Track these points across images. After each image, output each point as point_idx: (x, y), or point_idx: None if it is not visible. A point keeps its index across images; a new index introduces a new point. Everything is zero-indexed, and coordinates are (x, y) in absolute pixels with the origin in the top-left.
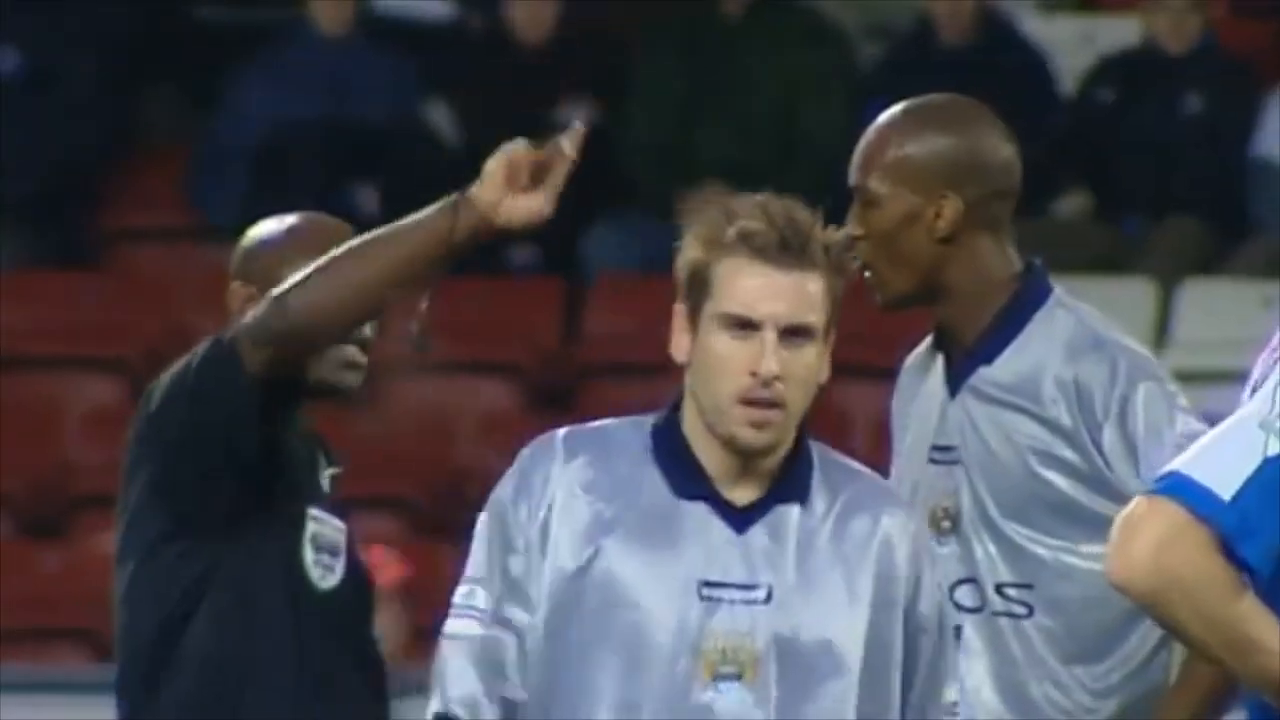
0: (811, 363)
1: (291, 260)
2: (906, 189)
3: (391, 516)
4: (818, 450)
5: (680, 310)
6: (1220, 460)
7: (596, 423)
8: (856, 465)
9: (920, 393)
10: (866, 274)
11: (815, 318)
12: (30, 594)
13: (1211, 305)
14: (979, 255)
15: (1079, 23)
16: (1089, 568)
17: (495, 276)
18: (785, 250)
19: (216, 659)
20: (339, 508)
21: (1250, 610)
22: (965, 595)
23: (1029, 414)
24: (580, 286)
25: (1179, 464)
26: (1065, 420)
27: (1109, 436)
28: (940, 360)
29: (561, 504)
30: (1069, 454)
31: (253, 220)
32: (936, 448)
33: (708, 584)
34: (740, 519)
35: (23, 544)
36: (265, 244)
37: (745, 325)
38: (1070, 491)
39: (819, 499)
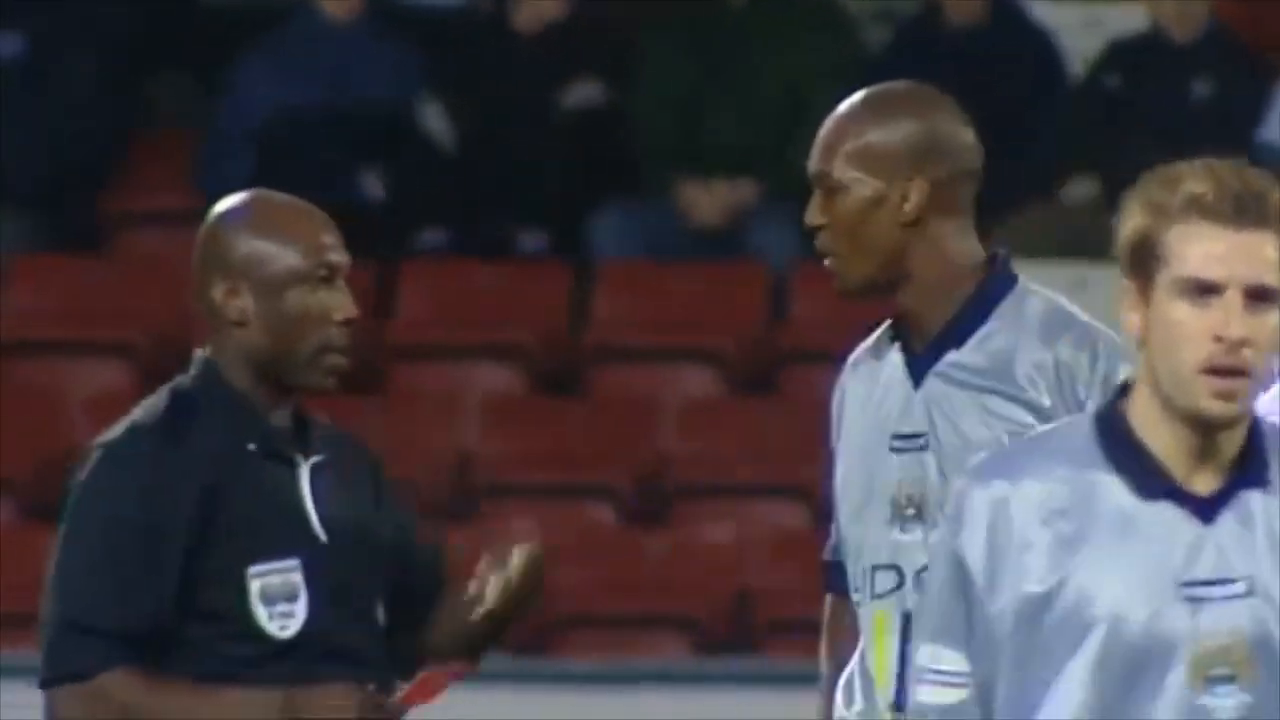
0: (1275, 328)
1: (248, 239)
2: (870, 174)
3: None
4: (1264, 425)
5: (1128, 286)
6: None
7: (1029, 437)
8: None
9: (876, 383)
10: (827, 262)
11: (1276, 280)
12: (34, 579)
13: None
14: (943, 241)
15: (1085, 8)
16: None
17: (502, 260)
18: (1241, 211)
19: None
20: (330, 490)
21: None
22: None
23: (1004, 396)
24: (587, 271)
25: None
26: (1044, 400)
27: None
28: (896, 350)
29: (1019, 530)
30: None
31: None
32: (899, 436)
33: (1188, 584)
34: (1207, 510)
35: (27, 528)
36: (223, 227)
37: (1206, 290)
38: None
39: (1276, 479)
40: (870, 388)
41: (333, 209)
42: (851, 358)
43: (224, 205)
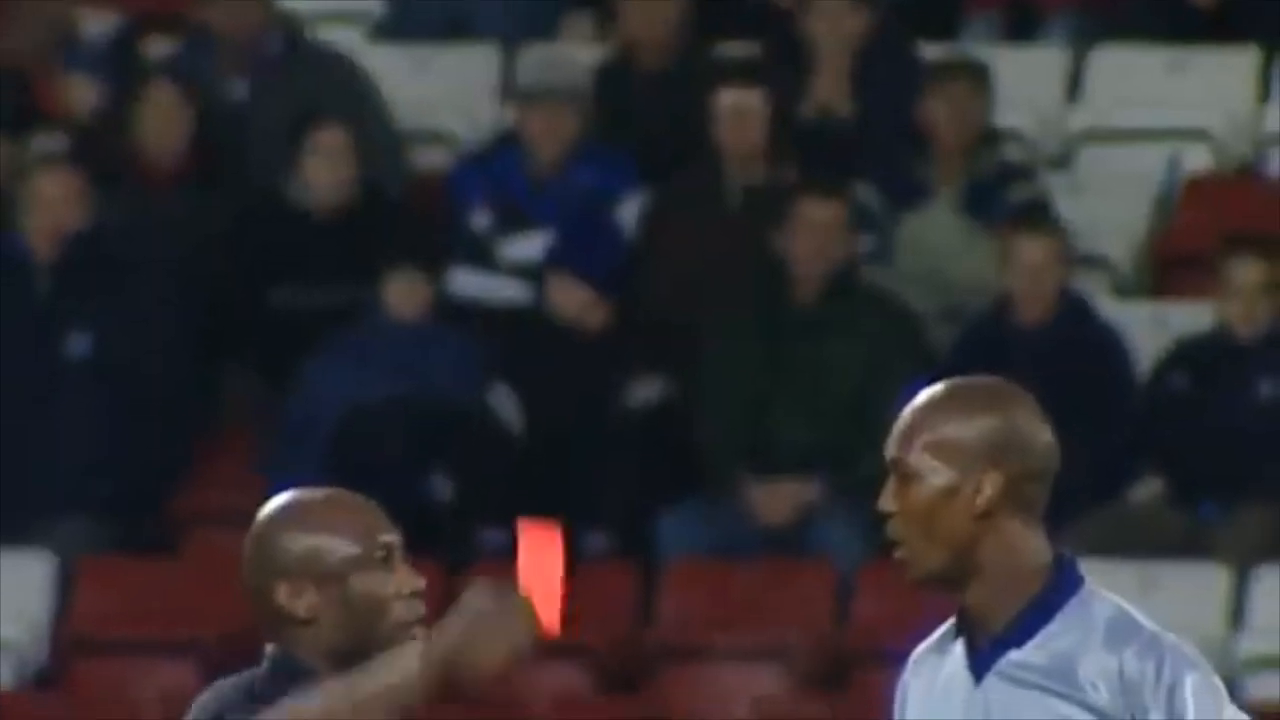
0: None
1: (300, 537)
2: (947, 465)
3: None
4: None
5: None
6: None
7: None
8: None
9: (937, 679)
10: (897, 551)
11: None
12: None
13: None
14: (1013, 537)
15: (1152, 306)
16: None
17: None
18: None
19: None
20: None
21: None
22: None
23: (1067, 698)
24: (653, 570)
25: None
26: (1108, 707)
27: None
28: (960, 645)
29: None
30: None
31: None
32: None
33: None
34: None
35: None
36: (272, 530)
37: None
38: None
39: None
40: (930, 685)
41: (402, 510)
42: (914, 655)
43: (267, 509)
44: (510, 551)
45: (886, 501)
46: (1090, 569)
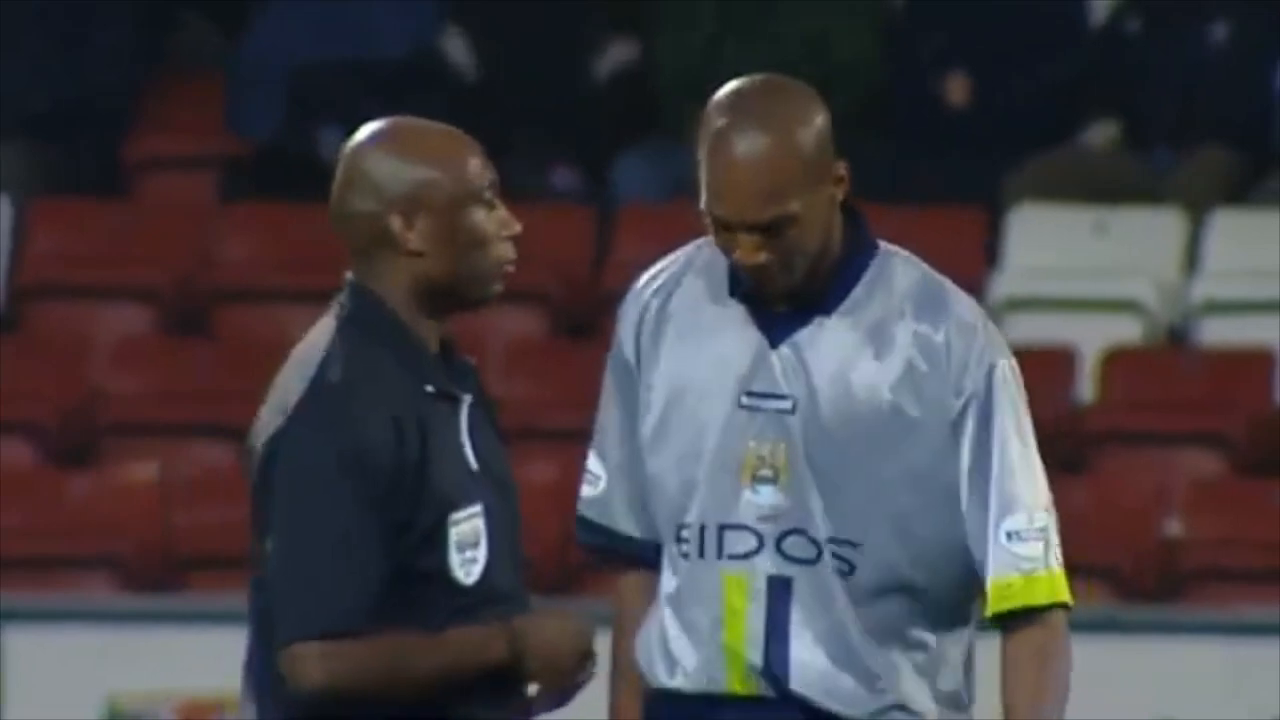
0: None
1: (415, 168)
2: (817, 186)
3: None
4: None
5: None
6: None
7: None
8: None
9: (713, 332)
10: (773, 286)
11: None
12: (57, 522)
13: (1239, 234)
14: (834, 211)
15: None
16: (922, 534)
17: (526, 202)
18: None
19: None
20: (479, 429)
21: None
22: (796, 547)
23: (874, 355)
24: (610, 213)
25: None
26: (922, 365)
27: (961, 404)
28: (736, 303)
29: None
30: (915, 411)
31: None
32: (752, 394)
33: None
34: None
35: (50, 471)
36: (383, 158)
37: None
38: (912, 452)
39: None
40: (696, 325)
41: None
42: (659, 282)
43: (370, 135)
44: None
45: (757, 255)
46: (1044, 213)
